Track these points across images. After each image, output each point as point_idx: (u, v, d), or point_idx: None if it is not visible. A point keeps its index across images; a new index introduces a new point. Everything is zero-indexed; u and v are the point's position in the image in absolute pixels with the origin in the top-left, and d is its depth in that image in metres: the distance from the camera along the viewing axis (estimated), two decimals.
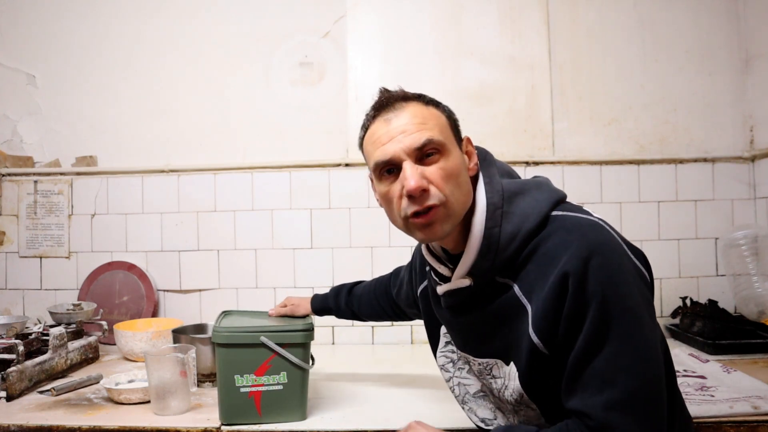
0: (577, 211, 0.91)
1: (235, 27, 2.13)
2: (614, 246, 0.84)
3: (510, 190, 0.93)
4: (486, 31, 2.09)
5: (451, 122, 0.97)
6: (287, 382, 1.26)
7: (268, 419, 1.26)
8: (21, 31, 2.18)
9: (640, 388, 0.78)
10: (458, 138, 0.97)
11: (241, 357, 1.25)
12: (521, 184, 0.95)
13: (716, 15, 2.07)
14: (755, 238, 1.88)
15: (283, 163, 2.09)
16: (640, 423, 0.77)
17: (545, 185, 0.97)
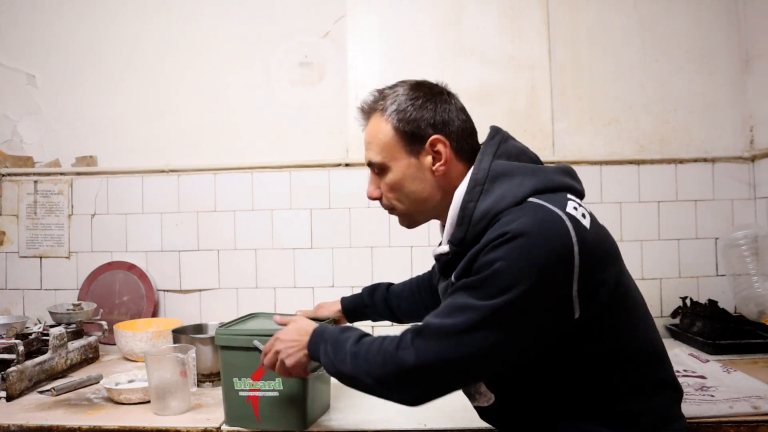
0: (554, 203, 0.91)
1: (235, 27, 2.13)
2: (551, 240, 0.86)
3: (497, 170, 0.97)
4: (486, 31, 2.09)
5: (398, 133, 1.02)
6: (283, 389, 1.22)
7: (266, 425, 1.23)
8: (21, 31, 2.18)
9: (454, 334, 0.87)
10: (414, 142, 1.02)
11: (238, 360, 1.24)
12: (512, 168, 0.98)
13: (716, 15, 2.07)
14: (755, 238, 1.88)
15: (283, 163, 2.09)
16: (433, 351, 0.88)
17: (541, 172, 0.99)
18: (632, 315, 0.97)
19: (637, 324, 0.98)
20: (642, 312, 1.01)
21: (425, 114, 1.02)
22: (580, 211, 0.92)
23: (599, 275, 0.90)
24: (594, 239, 0.90)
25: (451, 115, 1.04)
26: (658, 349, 0.99)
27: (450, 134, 1.02)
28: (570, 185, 1.00)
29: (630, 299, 0.98)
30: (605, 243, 0.95)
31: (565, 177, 1.02)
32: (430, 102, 1.03)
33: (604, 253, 0.93)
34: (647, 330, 0.99)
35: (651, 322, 1.02)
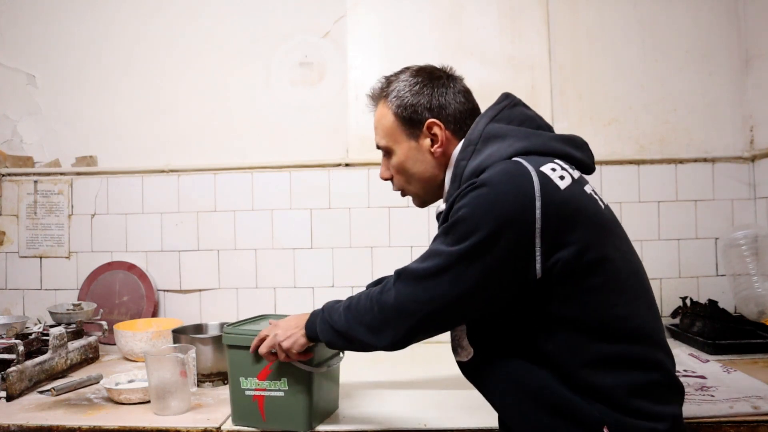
0: (532, 161, 0.94)
1: (235, 27, 2.13)
2: (512, 192, 0.89)
3: (490, 132, 1.01)
4: (486, 31, 2.09)
5: (398, 118, 1.10)
6: (288, 389, 1.21)
7: (272, 425, 1.23)
8: (21, 31, 2.18)
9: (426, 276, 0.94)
10: (413, 126, 1.09)
11: (245, 359, 1.24)
12: (506, 130, 1.01)
13: (716, 15, 2.07)
14: (755, 238, 1.88)
15: (283, 163, 2.09)
16: (409, 293, 0.95)
17: (535, 137, 1.00)
18: (610, 288, 0.93)
19: (615, 298, 0.93)
20: (631, 288, 0.97)
21: (422, 99, 1.08)
22: (559, 173, 0.94)
23: (565, 237, 0.90)
24: (564, 199, 0.91)
25: (448, 99, 1.09)
26: (645, 331, 0.95)
27: (446, 117, 1.08)
28: (566, 152, 1.01)
29: (610, 271, 0.94)
30: (579, 207, 0.93)
31: (563, 144, 1.02)
32: (427, 87, 1.09)
33: (573, 216, 0.91)
34: (632, 308, 0.95)
35: (643, 303, 0.99)
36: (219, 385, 1.56)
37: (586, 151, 1.08)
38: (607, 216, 1.00)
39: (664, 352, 0.99)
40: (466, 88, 1.14)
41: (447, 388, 1.45)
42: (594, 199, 0.99)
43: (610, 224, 1.00)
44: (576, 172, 1.00)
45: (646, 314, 0.98)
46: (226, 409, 1.36)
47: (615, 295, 0.94)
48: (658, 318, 1.02)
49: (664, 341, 1.00)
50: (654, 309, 1.02)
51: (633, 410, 0.91)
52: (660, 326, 1.01)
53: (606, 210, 1.01)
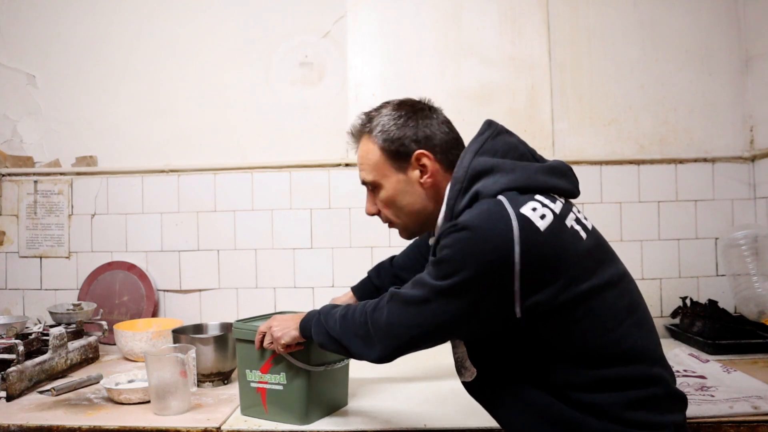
0: (513, 201, 0.94)
1: (235, 27, 2.13)
2: (491, 236, 0.90)
3: (476, 169, 1.01)
4: (486, 31, 2.09)
5: (385, 152, 1.10)
6: (287, 383, 1.26)
7: (272, 417, 1.28)
8: (21, 31, 2.18)
9: (413, 304, 0.97)
10: (400, 159, 1.09)
11: (251, 352, 1.30)
12: (492, 165, 1.00)
13: (716, 15, 2.07)
14: (755, 238, 1.88)
15: (283, 163, 2.09)
16: (398, 315, 0.98)
17: (520, 170, 1.00)
18: (596, 316, 0.94)
19: (603, 325, 0.94)
20: (620, 312, 0.97)
21: (407, 132, 1.08)
22: (540, 212, 0.93)
23: (545, 278, 0.90)
24: (544, 242, 0.91)
25: (434, 129, 1.10)
26: (638, 350, 0.97)
27: (434, 147, 1.09)
28: (550, 185, 1.01)
29: (595, 301, 0.94)
30: (559, 248, 0.92)
31: (547, 176, 1.02)
32: (412, 119, 1.10)
33: (554, 258, 0.91)
34: (622, 330, 0.96)
35: (634, 322, 0.98)
36: (219, 385, 1.56)
37: (570, 178, 1.08)
38: (590, 245, 0.98)
39: (661, 366, 1.00)
40: (447, 119, 1.15)
41: (451, 387, 1.45)
42: (575, 233, 0.97)
43: (594, 253, 0.99)
44: (558, 204, 0.98)
45: (638, 333, 0.98)
46: (227, 409, 1.37)
47: (603, 322, 0.94)
48: (652, 333, 1.02)
49: (661, 355, 1.02)
50: (646, 325, 1.02)
51: (632, 422, 0.93)
52: (655, 340, 1.01)
53: (589, 239, 0.99)
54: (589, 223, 1.04)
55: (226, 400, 1.44)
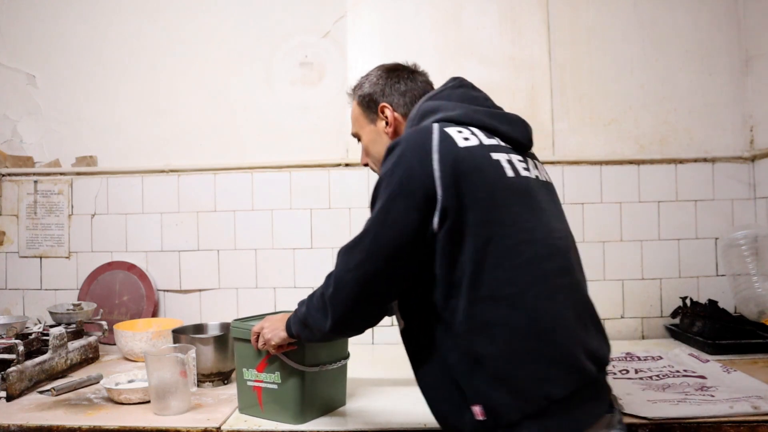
0: (444, 125, 1.01)
1: (235, 27, 2.13)
2: (414, 145, 0.98)
3: (425, 109, 1.09)
4: (486, 31, 2.09)
5: (362, 107, 1.25)
6: (281, 382, 1.27)
7: (268, 416, 1.29)
8: (21, 31, 2.18)
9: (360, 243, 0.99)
10: (371, 111, 1.23)
11: (247, 351, 1.31)
12: (438, 105, 1.08)
13: (716, 15, 2.07)
14: (755, 238, 1.88)
15: (283, 163, 2.09)
16: (342, 266, 1.01)
17: (461, 108, 1.06)
18: (492, 250, 0.93)
19: (497, 261, 0.93)
20: (520, 257, 0.94)
21: (377, 88, 1.22)
22: (465, 134, 1.00)
23: (459, 189, 0.94)
24: (459, 155, 0.96)
25: (400, 86, 1.20)
26: (528, 300, 0.92)
27: (397, 100, 1.19)
28: (487, 124, 1.05)
29: (496, 235, 0.94)
30: (474, 165, 0.96)
31: (489, 118, 1.06)
32: (383, 78, 1.22)
33: (467, 172, 0.95)
34: (516, 274, 0.93)
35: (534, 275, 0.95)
36: (219, 385, 1.56)
37: (517, 127, 1.10)
38: (515, 184, 1.00)
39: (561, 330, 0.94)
40: (427, 80, 1.24)
41: None
42: (498, 166, 0.99)
43: (515, 191, 0.99)
44: (493, 140, 1.03)
45: (536, 288, 0.94)
46: (226, 408, 1.37)
47: (497, 258, 0.93)
48: (562, 297, 0.96)
49: (568, 325, 0.95)
50: (558, 290, 0.96)
51: (508, 386, 0.90)
52: (562, 307, 0.95)
53: (517, 179, 1.00)
54: (533, 174, 1.06)
55: (226, 400, 1.44)
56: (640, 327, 2.04)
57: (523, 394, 0.89)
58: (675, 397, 1.35)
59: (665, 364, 1.65)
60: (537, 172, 1.09)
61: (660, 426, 1.21)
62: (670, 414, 1.23)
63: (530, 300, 0.93)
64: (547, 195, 1.08)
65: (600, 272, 2.04)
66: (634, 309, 2.04)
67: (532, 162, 1.10)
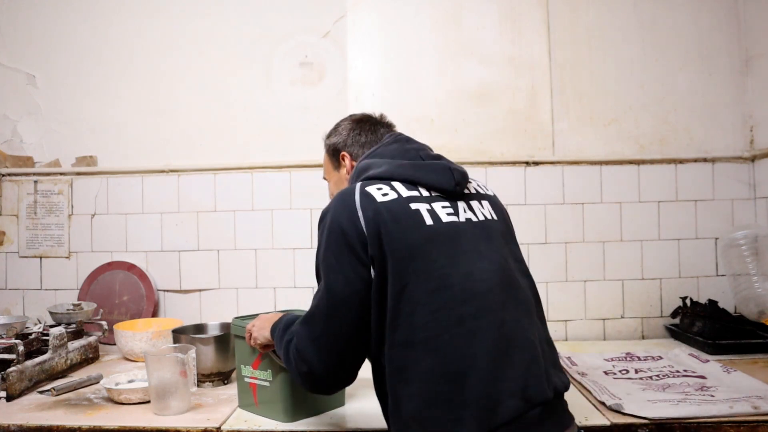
0: (365, 185, 1.08)
1: (236, 27, 2.13)
2: (341, 207, 1.06)
3: (360, 167, 1.18)
4: (486, 31, 2.09)
5: (329, 154, 1.34)
6: (273, 380, 1.30)
7: (262, 412, 1.33)
8: (21, 31, 2.18)
9: (316, 312, 1.05)
10: (335, 159, 1.32)
11: (244, 348, 1.35)
12: (370, 164, 1.16)
13: (716, 15, 2.07)
14: (755, 238, 1.88)
15: (283, 163, 2.09)
16: (308, 333, 1.05)
17: (386, 165, 1.13)
18: (410, 297, 0.97)
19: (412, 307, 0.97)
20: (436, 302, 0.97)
21: (340, 138, 1.31)
22: (384, 191, 1.06)
23: (381, 238, 1.00)
24: (380, 208, 1.03)
25: (361, 137, 1.28)
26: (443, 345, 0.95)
27: (356, 150, 1.28)
28: (408, 176, 1.10)
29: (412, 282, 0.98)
30: (395, 220, 1.02)
31: (413, 170, 1.11)
32: (346, 129, 1.31)
33: (386, 224, 1.01)
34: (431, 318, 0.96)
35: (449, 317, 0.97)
36: (219, 385, 1.56)
37: (443, 176, 1.12)
38: (434, 231, 1.03)
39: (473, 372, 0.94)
40: (388, 132, 1.28)
41: None
42: (417, 215, 1.04)
43: (433, 239, 1.03)
44: (414, 191, 1.08)
45: (450, 332, 0.96)
46: (226, 408, 1.37)
47: (412, 305, 0.97)
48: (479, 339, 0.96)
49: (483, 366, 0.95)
50: (476, 332, 0.97)
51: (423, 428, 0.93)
52: (477, 349, 0.96)
53: (437, 225, 1.04)
54: (463, 218, 1.09)
55: (226, 400, 1.44)
56: (640, 327, 2.04)
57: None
58: (675, 397, 1.35)
59: (665, 364, 1.65)
60: (470, 214, 1.11)
61: (660, 426, 1.21)
62: (670, 414, 1.23)
63: (443, 344, 0.95)
64: (479, 235, 1.09)
65: (600, 272, 2.04)
66: (634, 309, 2.04)
67: (465, 204, 1.12)
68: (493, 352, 0.96)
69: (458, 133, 2.08)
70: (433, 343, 0.95)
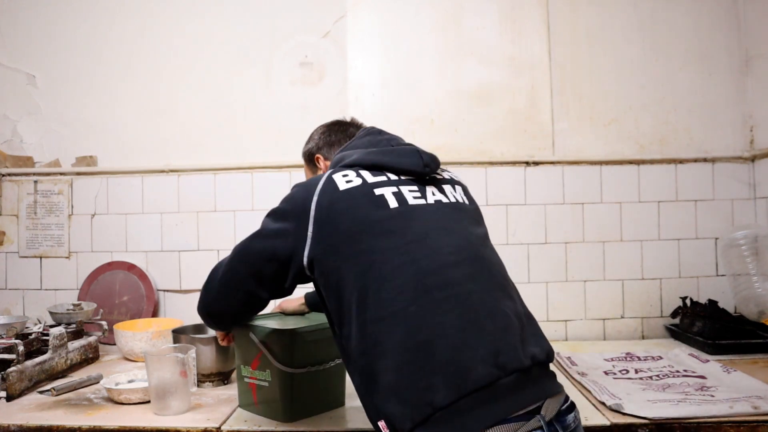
0: (334, 172, 1.13)
1: (236, 27, 2.13)
2: (302, 189, 1.14)
3: (335, 160, 1.22)
4: (486, 31, 2.09)
5: (305, 161, 1.46)
6: (271, 380, 1.30)
7: (262, 412, 1.32)
8: (21, 31, 2.18)
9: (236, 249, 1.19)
10: (311, 164, 1.44)
11: (244, 348, 1.36)
12: (343, 156, 1.19)
13: (716, 15, 2.07)
14: (755, 238, 1.88)
15: (283, 163, 2.09)
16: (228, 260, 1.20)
17: (357, 154, 1.16)
18: (378, 280, 1.00)
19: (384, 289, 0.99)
20: (398, 279, 0.99)
21: (313, 144, 1.44)
22: (349, 178, 1.10)
23: (331, 226, 1.05)
24: (336, 197, 1.07)
25: (330, 137, 1.40)
26: (409, 318, 0.96)
27: (328, 151, 1.38)
28: (376, 162, 1.13)
29: (379, 263, 1.01)
30: (350, 204, 1.06)
31: (380, 155, 1.14)
32: (319, 134, 1.44)
33: (342, 211, 1.06)
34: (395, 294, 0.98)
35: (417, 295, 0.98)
36: (219, 385, 1.56)
37: (411, 158, 1.14)
38: (398, 213, 1.06)
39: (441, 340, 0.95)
40: (358, 131, 1.33)
41: None
42: (381, 199, 1.07)
43: (398, 219, 1.05)
44: (380, 177, 1.11)
45: (417, 302, 0.97)
46: (226, 408, 1.37)
47: (378, 282, 1.00)
48: (446, 307, 0.98)
49: (450, 334, 0.95)
50: (442, 302, 0.98)
51: (398, 397, 0.94)
52: (445, 318, 0.97)
53: (402, 207, 1.07)
54: (432, 200, 1.11)
55: (226, 400, 1.44)
56: (640, 327, 2.04)
57: (410, 403, 0.92)
58: (675, 397, 1.35)
59: (665, 364, 1.65)
60: (441, 196, 1.13)
61: (660, 426, 1.21)
62: (670, 414, 1.23)
63: (411, 314, 0.97)
64: (449, 214, 1.11)
65: (600, 272, 2.04)
66: (634, 309, 2.04)
67: (435, 188, 1.14)
68: (461, 320, 0.97)
69: (458, 133, 2.08)
70: (402, 315, 0.97)
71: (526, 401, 0.94)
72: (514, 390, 0.94)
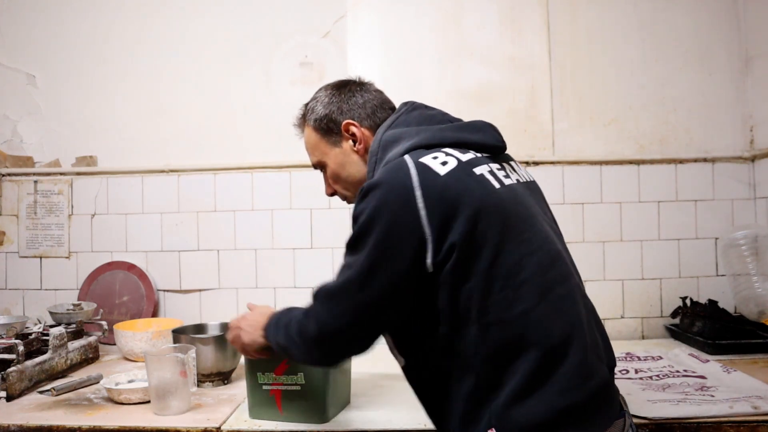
0: (417, 156, 0.96)
1: (236, 27, 2.13)
2: (393, 185, 0.93)
3: (387, 140, 1.05)
4: (486, 31, 2.09)
5: (318, 131, 1.17)
6: (305, 383, 1.25)
7: (289, 418, 1.27)
8: (21, 31, 2.18)
9: (338, 292, 0.96)
10: (332, 134, 1.16)
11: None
12: (400, 134, 1.04)
13: (716, 15, 2.07)
14: (755, 238, 1.88)
15: (283, 163, 2.09)
16: (326, 312, 0.96)
17: (425, 132, 1.03)
18: (495, 273, 0.90)
19: (500, 283, 0.90)
20: (521, 273, 0.91)
21: (332, 107, 1.16)
22: (441, 159, 0.95)
23: (451, 221, 0.90)
24: (444, 184, 0.92)
25: (357, 99, 1.16)
26: (532, 318, 0.89)
27: (359, 115, 1.14)
28: (458, 139, 1.02)
29: (497, 255, 0.90)
30: (461, 190, 0.92)
31: (456, 132, 1.03)
32: (335, 96, 1.17)
33: (456, 199, 0.91)
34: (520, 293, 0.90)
35: (534, 290, 0.91)
36: (219, 385, 1.56)
37: (488, 133, 1.07)
38: (503, 195, 0.96)
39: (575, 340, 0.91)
40: (377, 89, 1.21)
41: None
42: (483, 180, 0.96)
43: (506, 203, 0.95)
44: (469, 155, 0.99)
45: (544, 302, 0.91)
46: (226, 408, 1.37)
47: (503, 278, 0.90)
48: (569, 305, 0.94)
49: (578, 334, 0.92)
50: (564, 299, 0.94)
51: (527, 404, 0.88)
52: (571, 317, 0.93)
53: (503, 189, 0.97)
54: (515, 179, 1.02)
55: (226, 400, 1.44)
56: (640, 327, 2.04)
57: (541, 408, 0.87)
58: (675, 397, 1.35)
59: (665, 364, 1.65)
60: (517, 175, 1.05)
61: (660, 426, 1.22)
62: (670, 414, 1.23)
63: (538, 316, 0.90)
64: (532, 197, 1.04)
65: (600, 272, 2.04)
66: (634, 309, 2.04)
67: (509, 166, 1.06)
68: (584, 317, 0.95)
69: None
70: (527, 316, 0.89)
71: (617, 397, 0.98)
72: (613, 386, 0.98)
